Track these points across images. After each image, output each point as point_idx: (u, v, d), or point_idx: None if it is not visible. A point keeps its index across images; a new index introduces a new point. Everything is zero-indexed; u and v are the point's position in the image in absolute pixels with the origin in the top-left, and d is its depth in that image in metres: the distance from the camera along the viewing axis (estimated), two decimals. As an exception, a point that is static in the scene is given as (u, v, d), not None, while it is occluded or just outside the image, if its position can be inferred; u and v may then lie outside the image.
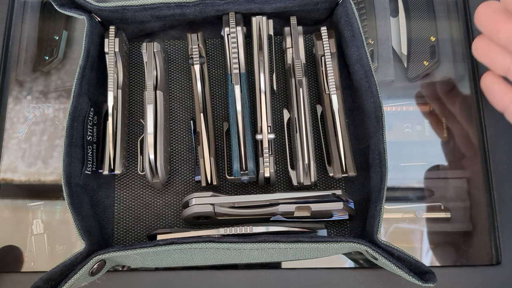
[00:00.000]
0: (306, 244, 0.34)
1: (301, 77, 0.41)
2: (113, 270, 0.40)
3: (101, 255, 0.35)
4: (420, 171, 0.44)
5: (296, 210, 0.38)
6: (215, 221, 0.40)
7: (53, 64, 0.47)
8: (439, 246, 0.42)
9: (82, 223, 0.37)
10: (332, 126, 0.41)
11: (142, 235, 0.41)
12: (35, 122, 0.45)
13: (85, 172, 0.40)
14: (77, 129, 0.40)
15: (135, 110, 0.44)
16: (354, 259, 0.41)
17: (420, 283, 0.34)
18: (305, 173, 0.39)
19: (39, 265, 0.42)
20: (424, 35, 0.47)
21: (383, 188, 0.37)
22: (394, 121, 0.45)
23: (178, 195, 0.42)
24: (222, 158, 0.42)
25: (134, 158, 0.43)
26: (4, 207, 0.43)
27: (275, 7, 0.42)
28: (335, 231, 0.41)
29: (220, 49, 0.46)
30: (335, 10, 0.43)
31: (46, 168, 0.44)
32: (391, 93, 0.46)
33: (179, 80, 0.45)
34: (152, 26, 0.44)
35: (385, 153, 0.38)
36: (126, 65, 0.44)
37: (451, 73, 0.46)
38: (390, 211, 0.43)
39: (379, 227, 0.36)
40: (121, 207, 0.42)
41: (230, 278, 0.40)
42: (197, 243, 0.34)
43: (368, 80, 0.40)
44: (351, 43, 0.41)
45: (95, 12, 0.42)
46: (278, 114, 0.44)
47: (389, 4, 0.48)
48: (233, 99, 0.40)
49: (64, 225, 0.43)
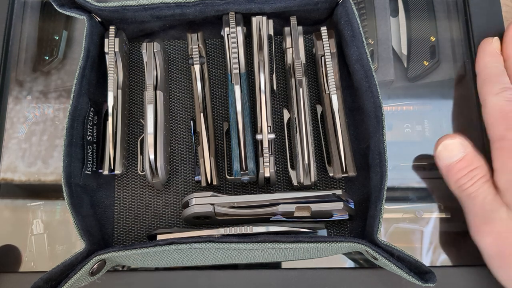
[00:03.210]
0: (306, 244, 0.34)
1: (301, 77, 0.41)
2: (113, 270, 0.40)
3: (101, 255, 0.35)
4: (420, 171, 0.44)
5: (296, 210, 0.38)
6: (215, 221, 0.40)
7: (53, 64, 0.47)
8: (439, 246, 0.42)
9: (82, 223, 0.37)
10: (332, 126, 0.41)
11: (142, 235, 0.41)
12: (35, 122, 0.45)
13: (85, 172, 0.40)
14: (77, 129, 0.40)
15: (135, 110, 0.44)
16: (354, 259, 0.41)
17: (420, 283, 0.34)
18: (305, 173, 0.39)
19: (39, 265, 0.42)
20: (424, 35, 0.47)
21: (383, 188, 0.37)
22: (394, 121, 0.45)
23: (178, 195, 0.42)
24: (222, 158, 0.42)
25: (134, 158, 0.43)
26: (4, 207, 0.43)
27: (275, 7, 0.42)
28: (335, 231, 0.41)
29: (220, 49, 0.46)
30: (335, 10, 0.43)
31: (46, 168, 0.44)
32: (391, 93, 0.46)
33: (179, 80, 0.45)
34: (152, 26, 0.44)
35: (385, 153, 0.38)
36: (126, 65, 0.44)
37: (451, 73, 0.46)
38: (390, 211, 0.43)
39: (379, 227, 0.36)
40: (121, 207, 0.42)
41: (230, 278, 0.40)
42: (197, 243, 0.34)
43: (368, 80, 0.40)
44: (351, 43, 0.41)
45: (95, 12, 0.42)
46: (278, 114, 0.44)
47: (389, 4, 0.48)
48: (233, 99, 0.40)
49: (64, 225, 0.43)
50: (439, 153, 0.38)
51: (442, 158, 0.38)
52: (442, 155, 0.38)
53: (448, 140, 0.38)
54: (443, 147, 0.38)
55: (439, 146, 0.38)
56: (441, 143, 0.38)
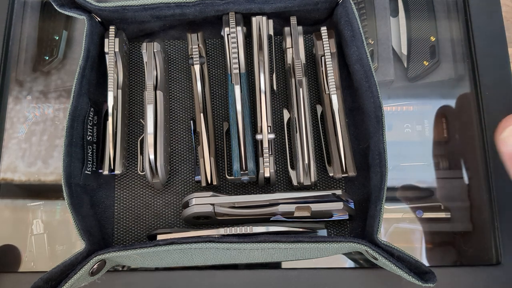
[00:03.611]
0: (306, 244, 0.34)
1: (301, 77, 0.41)
2: (113, 270, 0.40)
3: (101, 255, 0.35)
4: (420, 171, 0.44)
5: (296, 210, 0.38)
6: (215, 221, 0.40)
7: (53, 64, 0.47)
8: (439, 246, 0.42)
9: (82, 223, 0.37)
10: (332, 126, 0.41)
11: (142, 235, 0.41)
12: (35, 122, 0.45)
13: (85, 172, 0.40)
14: (77, 129, 0.40)
15: (135, 110, 0.44)
16: (354, 259, 0.41)
17: (420, 283, 0.34)
18: (305, 173, 0.39)
19: (39, 265, 0.42)
20: (424, 35, 0.47)
21: (383, 188, 0.37)
22: (394, 121, 0.45)
23: (178, 195, 0.42)
24: (222, 158, 0.42)
25: (134, 158, 0.43)
26: (4, 207, 0.43)
27: (275, 7, 0.42)
28: (335, 231, 0.41)
29: (220, 49, 0.46)
30: (335, 10, 0.43)
31: (46, 168, 0.44)
32: (391, 93, 0.46)
33: (179, 80, 0.45)
34: (152, 26, 0.44)
35: (385, 153, 0.38)
36: (126, 65, 0.44)
37: (451, 73, 0.46)
38: (390, 211, 0.43)
39: (379, 227, 0.36)
40: (121, 207, 0.42)
41: (230, 278, 0.40)
42: (197, 243, 0.34)
43: (368, 80, 0.40)
44: (351, 43, 0.41)
45: (95, 12, 0.42)
46: (278, 114, 0.44)
47: (389, 4, 0.48)
48: (233, 99, 0.40)
49: (64, 225, 0.43)
50: (506, 138, 0.33)
51: (509, 144, 0.33)
52: (509, 141, 0.33)
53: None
54: (510, 132, 0.33)
55: (506, 131, 0.33)
56: (508, 126, 0.33)
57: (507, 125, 0.33)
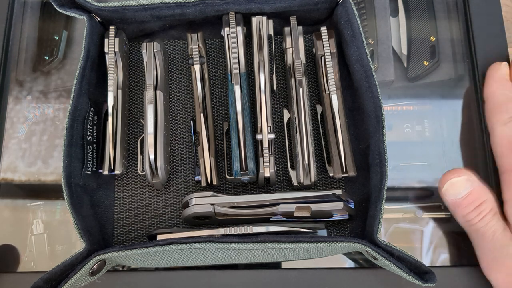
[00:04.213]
0: (306, 244, 0.34)
1: (301, 77, 0.41)
2: (113, 270, 0.40)
3: (101, 255, 0.35)
4: (420, 171, 0.44)
5: (296, 210, 0.38)
6: (215, 221, 0.40)
7: (53, 64, 0.47)
8: (439, 246, 0.42)
9: (82, 223, 0.37)
10: (332, 126, 0.41)
11: (142, 235, 0.41)
12: (35, 122, 0.45)
13: (85, 172, 0.40)
14: (77, 129, 0.40)
15: (135, 110, 0.44)
16: (354, 259, 0.41)
17: (420, 283, 0.34)
18: (305, 173, 0.39)
19: (39, 265, 0.42)
20: (424, 35, 0.47)
21: (383, 188, 0.37)
22: (394, 121, 0.45)
23: (178, 195, 0.42)
24: (222, 158, 0.42)
25: (134, 158, 0.43)
26: (4, 207, 0.43)
27: (275, 7, 0.42)
28: (335, 231, 0.41)
29: (220, 49, 0.46)
30: (335, 10, 0.43)
31: (46, 168, 0.44)
32: (391, 93, 0.46)
33: (179, 80, 0.45)
34: (152, 26, 0.44)
35: (385, 153, 0.38)
36: (126, 65, 0.44)
37: (451, 73, 0.46)
38: (390, 211, 0.43)
39: (379, 227, 0.36)
40: (121, 207, 0.42)
41: (230, 278, 0.40)
42: (197, 243, 0.34)
43: (368, 80, 0.40)
44: (351, 43, 0.41)
45: (95, 12, 0.41)
46: (278, 114, 0.44)
47: (389, 4, 0.48)
48: (233, 99, 0.40)
49: (64, 225, 0.43)
50: (445, 191, 0.37)
51: (449, 195, 0.37)
52: (449, 193, 0.37)
53: (454, 178, 0.37)
54: (449, 185, 0.37)
55: (446, 185, 0.37)
56: (447, 181, 0.37)
57: (447, 179, 0.37)
